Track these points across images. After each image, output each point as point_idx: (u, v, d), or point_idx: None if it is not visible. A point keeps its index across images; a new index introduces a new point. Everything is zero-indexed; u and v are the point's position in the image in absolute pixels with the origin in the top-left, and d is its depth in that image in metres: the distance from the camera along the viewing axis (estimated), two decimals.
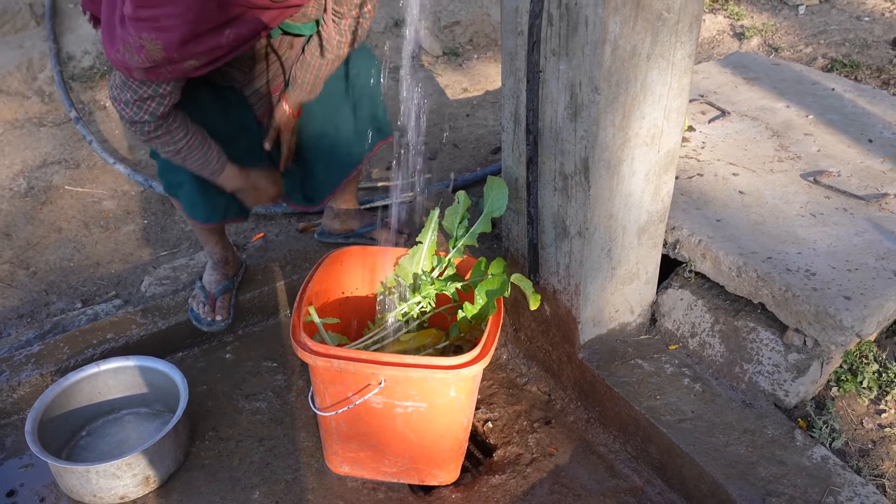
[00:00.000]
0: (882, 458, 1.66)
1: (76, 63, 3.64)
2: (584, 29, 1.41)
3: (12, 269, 2.65)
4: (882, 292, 1.68)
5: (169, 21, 1.46)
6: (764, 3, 4.32)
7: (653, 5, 1.41)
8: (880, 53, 3.68)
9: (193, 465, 1.85)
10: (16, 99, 3.52)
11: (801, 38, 3.91)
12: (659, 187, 1.72)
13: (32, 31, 3.75)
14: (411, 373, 1.54)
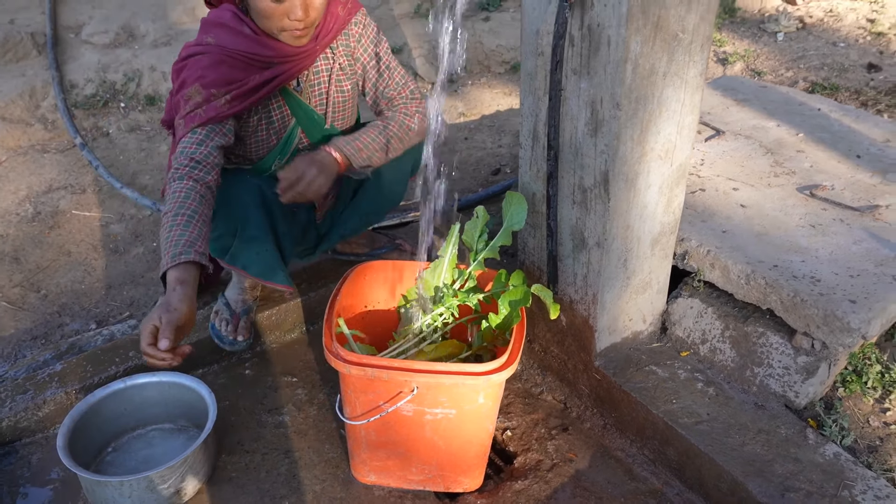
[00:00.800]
0: (890, 454, 1.73)
1: (79, 91, 3.68)
2: (606, 49, 1.49)
3: (23, 293, 2.65)
4: (884, 296, 1.76)
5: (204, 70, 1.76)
6: (745, 31, 4.49)
7: (670, 26, 1.49)
8: (857, 77, 3.84)
9: (221, 478, 1.87)
10: (19, 126, 3.54)
11: (782, 63, 4.07)
12: (671, 199, 1.80)
13: (34, 59, 3.79)
14: (443, 379, 1.58)
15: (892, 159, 2.40)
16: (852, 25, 4.42)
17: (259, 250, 1.85)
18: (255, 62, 1.80)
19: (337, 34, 1.91)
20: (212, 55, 1.78)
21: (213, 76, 1.76)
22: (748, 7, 4.76)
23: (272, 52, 1.79)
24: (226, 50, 1.77)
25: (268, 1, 1.66)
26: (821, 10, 4.63)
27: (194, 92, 1.76)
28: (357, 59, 2.00)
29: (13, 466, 1.90)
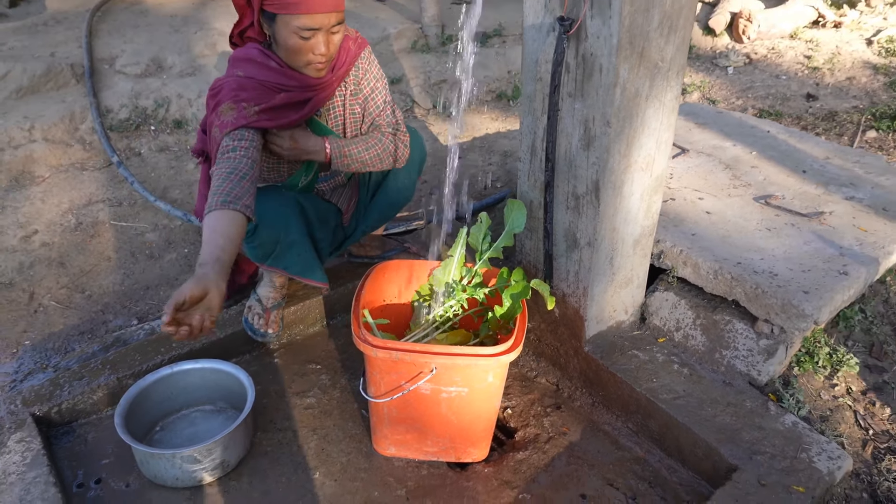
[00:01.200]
0: (839, 422, 1.81)
1: (114, 115, 3.69)
2: (598, 75, 1.56)
3: (69, 293, 2.67)
4: (831, 287, 1.85)
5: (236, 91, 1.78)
6: (699, 65, 4.62)
7: (652, 56, 1.57)
8: (798, 105, 3.97)
9: (258, 452, 1.90)
10: (60, 147, 3.55)
11: (733, 93, 4.20)
12: (650, 206, 1.88)
13: (73, 87, 3.80)
14: (458, 361, 1.64)
15: (832, 174, 2.50)
16: (792, 61, 4.57)
17: (299, 252, 1.89)
18: (280, 90, 1.83)
19: (350, 67, 1.96)
20: (241, 79, 1.81)
21: (244, 95, 1.78)
22: (702, 45, 4.90)
23: (296, 82, 1.84)
24: (255, 80, 1.81)
25: (296, 38, 1.71)
26: (764, 47, 4.77)
27: (226, 108, 1.77)
28: (362, 89, 2.04)
29: (72, 444, 1.92)
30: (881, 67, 4.31)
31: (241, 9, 1.84)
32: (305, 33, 1.70)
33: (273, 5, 1.69)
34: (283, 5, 1.67)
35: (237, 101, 1.77)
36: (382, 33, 4.36)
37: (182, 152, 3.64)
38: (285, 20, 1.69)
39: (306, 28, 1.69)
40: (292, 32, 1.71)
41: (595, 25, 1.52)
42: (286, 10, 1.67)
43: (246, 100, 1.78)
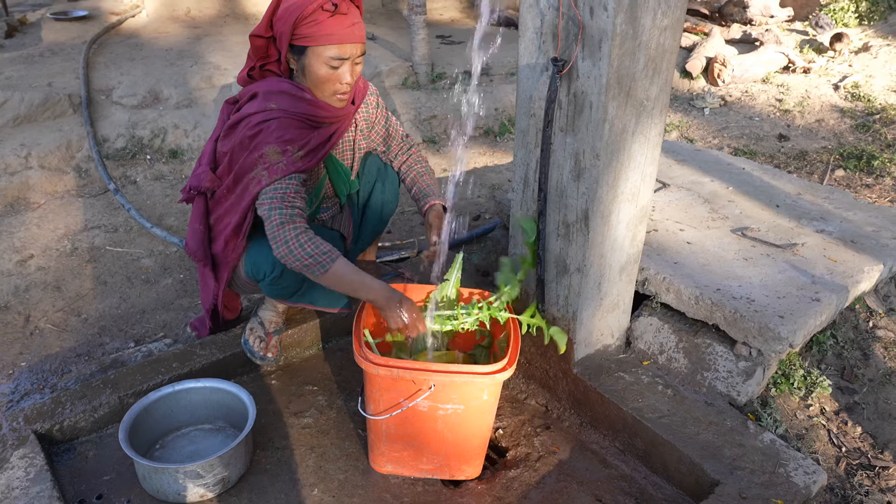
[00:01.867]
0: (814, 440, 1.91)
1: (110, 144, 3.78)
2: (588, 111, 1.69)
3: (65, 317, 2.71)
4: (805, 312, 1.97)
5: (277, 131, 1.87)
6: (678, 106, 4.83)
7: (637, 95, 1.71)
8: (770, 145, 4.17)
9: (258, 469, 1.95)
10: (56, 174, 3.62)
11: (709, 133, 4.39)
12: (636, 235, 1.99)
13: (70, 117, 3.89)
14: (456, 378, 1.72)
15: (803, 209, 2.65)
16: (764, 103, 4.80)
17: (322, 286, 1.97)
18: (314, 122, 1.94)
19: (360, 103, 2.11)
20: (280, 120, 1.88)
21: (287, 136, 1.87)
22: (679, 87, 5.12)
23: (327, 112, 1.95)
24: (289, 113, 1.89)
25: (327, 68, 1.85)
26: (738, 90, 5.01)
27: (272, 151, 1.85)
28: (371, 124, 2.20)
29: (73, 461, 1.95)
30: (847, 111, 4.54)
31: (261, 50, 1.94)
32: (335, 62, 1.84)
33: (304, 39, 1.83)
34: (315, 38, 1.81)
35: (283, 143, 1.86)
36: (374, 70, 4.51)
37: (177, 181, 3.72)
38: (317, 52, 1.83)
39: (337, 58, 1.84)
40: (323, 63, 1.84)
41: (586, 66, 1.65)
42: (318, 42, 1.82)
43: (291, 141, 1.87)
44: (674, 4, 1.65)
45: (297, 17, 1.79)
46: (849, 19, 6.00)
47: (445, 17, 6.09)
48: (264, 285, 2.02)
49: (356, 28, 1.85)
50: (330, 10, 1.79)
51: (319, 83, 1.89)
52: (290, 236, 1.80)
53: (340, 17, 1.82)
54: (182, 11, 5.43)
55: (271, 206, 1.83)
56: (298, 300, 2.03)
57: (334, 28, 1.81)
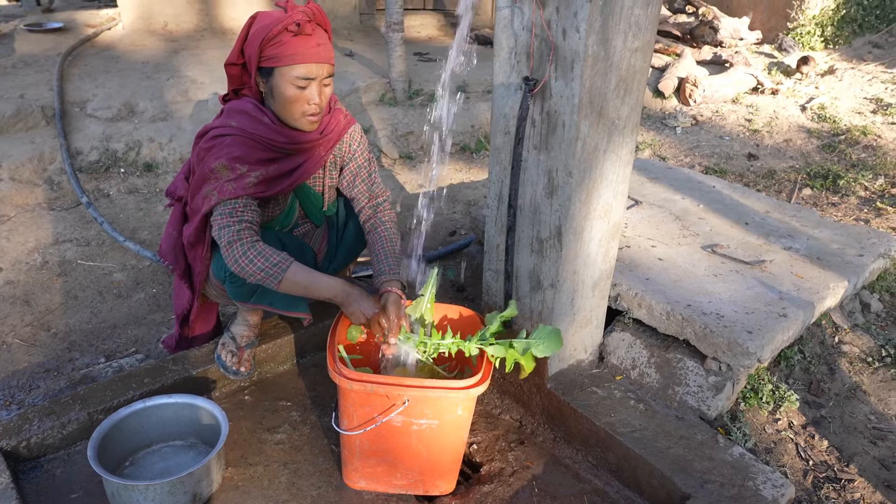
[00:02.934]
0: (782, 454, 1.94)
1: (84, 157, 3.73)
2: (561, 130, 1.72)
3: (34, 331, 2.66)
4: (773, 328, 2.01)
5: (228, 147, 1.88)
6: (651, 125, 4.91)
7: (609, 114, 1.74)
8: (740, 163, 4.25)
9: (229, 486, 1.93)
10: (27, 187, 3.56)
11: (681, 151, 4.47)
12: (608, 251, 2.02)
13: (43, 129, 3.84)
14: (430, 393, 1.72)
15: (772, 226, 2.71)
16: (734, 123, 4.90)
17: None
18: (271, 147, 1.93)
19: (339, 137, 2.07)
20: (235, 137, 1.91)
21: (236, 153, 1.89)
22: (652, 106, 5.21)
23: (286, 139, 1.94)
24: (246, 132, 1.90)
25: (294, 88, 1.84)
26: (709, 110, 5.11)
27: (220, 167, 1.87)
28: (346, 161, 2.15)
29: (39, 479, 1.91)
30: (814, 131, 4.66)
31: (236, 79, 1.96)
32: (302, 83, 1.83)
33: (271, 60, 1.82)
34: (281, 58, 1.81)
35: (231, 160, 1.87)
36: (352, 86, 4.53)
37: (151, 195, 3.69)
38: (283, 72, 1.83)
39: (303, 77, 1.83)
40: (289, 83, 1.84)
41: (559, 86, 1.68)
42: (283, 62, 1.81)
43: (239, 159, 1.88)
44: (644, 27, 1.69)
45: (262, 39, 1.80)
46: (815, 43, 6.17)
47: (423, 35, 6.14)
48: (227, 286, 2.01)
49: (322, 48, 1.85)
50: (293, 31, 1.80)
51: (287, 104, 1.87)
52: (239, 254, 1.83)
53: (305, 37, 1.82)
54: (159, 25, 5.41)
55: (220, 224, 1.86)
56: (258, 301, 2.02)
57: (299, 48, 1.81)
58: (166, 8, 5.41)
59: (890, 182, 3.79)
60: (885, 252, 2.57)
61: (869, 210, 3.50)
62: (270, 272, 1.84)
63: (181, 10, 5.46)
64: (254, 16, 1.88)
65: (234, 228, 1.85)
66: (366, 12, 6.50)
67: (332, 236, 2.35)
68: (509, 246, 1.98)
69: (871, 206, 3.53)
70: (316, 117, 1.93)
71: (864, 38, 6.07)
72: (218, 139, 1.92)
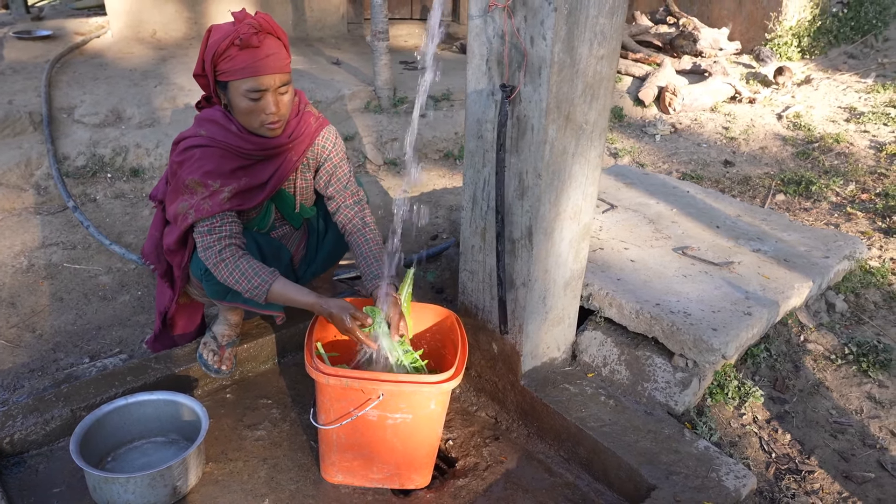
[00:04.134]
0: (746, 447, 2.00)
1: (70, 162, 3.76)
2: (531, 133, 1.78)
3: (19, 333, 2.69)
4: (737, 325, 2.08)
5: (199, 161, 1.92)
6: (630, 132, 4.99)
7: (577, 119, 1.80)
8: (716, 170, 4.34)
9: (209, 480, 1.96)
10: (14, 191, 3.59)
11: (659, 158, 4.55)
12: (579, 251, 2.08)
13: (30, 135, 3.87)
14: (404, 388, 1.77)
15: (742, 229, 2.79)
16: (712, 131, 5.00)
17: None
18: (241, 154, 1.96)
19: (311, 140, 2.09)
20: (204, 149, 1.94)
21: (209, 167, 1.92)
22: (633, 115, 5.30)
23: (253, 146, 1.96)
24: (216, 141, 1.94)
25: (247, 101, 1.86)
26: (688, 118, 5.21)
27: (193, 183, 1.91)
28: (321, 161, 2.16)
29: (23, 474, 1.94)
30: (789, 139, 4.76)
31: (206, 88, 1.99)
32: (254, 95, 1.85)
33: (224, 74, 1.85)
34: (232, 72, 1.83)
35: (203, 175, 1.91)
36: (337, 94, 4.59)
37: (137, 199, 3.72)
38: (236, 86, 1.85)
39: (254, 90, 1.84)
40: (242, 96, 1.86)
41: (528, 91, 1.74)
42: (234, 76, 1.83)
43: (210, 174, 1.92)
44: (609, 35, 1.76)
45: (213, 54, 1.83)
46: (792, 53, 6.29)
47: (409, 44, 6.21)
48: (204, 284, 2.06)
49: (272, 59, 1.84)
50: (239, 45, 1.80)
51: (244, 116, 1.90)
52: (226, 274, 1.92)
53: (252, 49, 1.82)
54: (148, 33, 5.46)
55: (203, 245, 1.94)
56: (233, 299, 2.06)
57: (247, 61, 1.81)
58: (155, 16, 5.45)
59: (860, 188, 3.88)
60: (850, 254, 2.65)
61: (840, 215, 3.58)
62: (255, 292, 1.92)
63: (170, 18, 5.51)
64: (209, 29, 1.91)
65: (216, 248, 1.92)
66: (353, 21, 6.57)
67: (311, 241, 2.39)
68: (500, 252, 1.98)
69: (841, 211, 3.62)
70: (277, 125, 1.93)
71: (840, 49, 6.20)
72: (189, 152, 1.95)
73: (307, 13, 5.98)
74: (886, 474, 1.93)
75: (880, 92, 5.32)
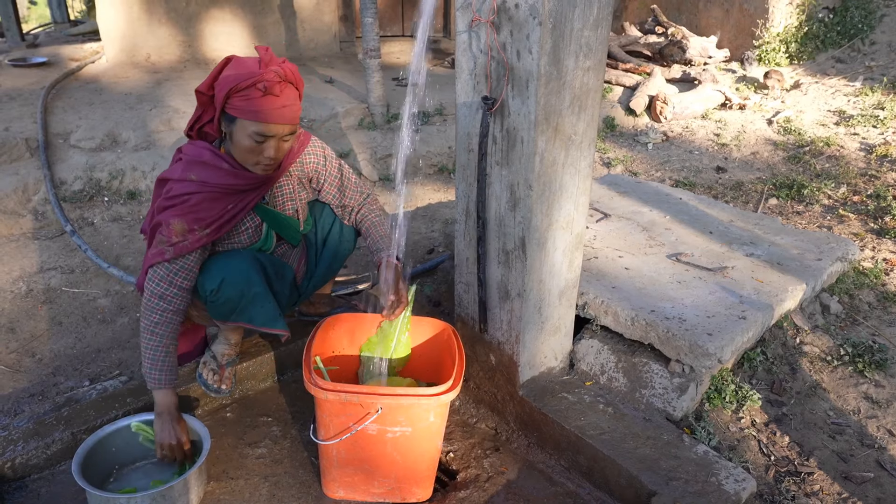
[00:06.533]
0: (745, 450, 2.01)
1: (67, 187, 3.79)
2: (520, 146, 1.80)
3: (19, 358, 2.69)
4: (732, 330, 2.09)
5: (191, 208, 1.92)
6: (623, 142, 5.03)
7: (566, 130, 1.83)
8: (708, 177, 4.37)
9: (211, 500, 1.96)
10: (11, 217, 3.61)
11: (652, 166, 4.59)
12: (573, 261, 2.10)
13: (27, 161, 3.90)
14: (402, 401, 1.78)
15: (734, 234, 2.81)
16: (703, 139, 5.03)
17: (262, 304, 2.01)
18: (233, 191, 1.98)
19: (291, 163, 2.11)
20: (196, 195, 1.93)
21: (202, 215, 1.93)
22: (624, 124, 5.34)
23: (246, 181, 1.98)
24: (208, 185, 1.93)
25: (251, 141, 1.88)
26: (679, 126, 5.25)
27: (179, 227, 1.91)
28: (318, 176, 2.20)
29: (24, 499, 1.94)
30: (780, 144, 4.80)
31: (204, 105, 1.99)
32: (259, 138, 1.88)
33: (235, 109, 1.86)
34: (244, 112, 1.85)
35: (193, 221, 1.91)
36: (331, 112, 4.62)
37: (135, 222, 3.74)
38: (244, 124, 1.87)
39: (261, 134, 1.87)
40: (247, 136, 1.88)
41: (516, 104, 1.77)
42: (245, 116, 1.85)
43: (201, 220, 1.93)
44: (595, 48, 1.79)
45: (231, 88, 1.84)
46: (780, 59, 6.35)
47: (402, 61, 6.27)
48: (209, 305, 2.06)
49: (287, 110, 1.87)
50: (262, 90, 1.83)
51: (242, 153, 1.92)
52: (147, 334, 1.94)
53: (272, 97, 1.85)
54: (142, 57, 5.50)
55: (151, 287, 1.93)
56: (238, 318, 2.06)
57: (263, 107, 1.84)
58: (149, 41, 5.50)
59: (852, 190, 3.91)
60: (842, 256, 2.67)
61: (832, 217, 3.61)
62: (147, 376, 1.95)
63: (164, 42, 5.56)
64: (228, 59, 1.93)
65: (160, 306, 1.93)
66: (345, 40, 6.64)
67: (310, 255, 2.41)
68: (480, 255, 2.05)
69: (833, 214, 3.64)
70: (270, 167, 1.96)
71: (828, 54, 6.26)
72: (179, 198, 1.93)
73: (300, 33, 6.04)
74: (885, 473, 1.94)
75: (868, 95, 5.37)
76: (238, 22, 5.73)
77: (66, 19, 7.73)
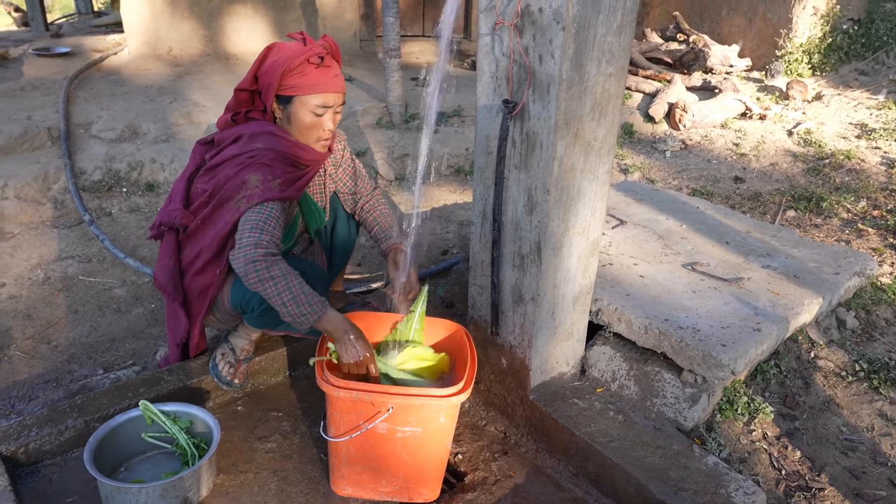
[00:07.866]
0: (755, 463, 2.00)
1: (87, 176, 3.83)
2: (539, 150, 1.80)
3: (35, 344, 2.73)
4: (747, 341, 2.08)
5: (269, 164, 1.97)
6: (641, 148, 5.01)
7: (585, 135, 1.83)
8: (726, 186, 4.34)
9: (220, 492, 1.98)
10: (31, 205, 3.65)
11: (670, 174, 4.57)
12: (587, 267, 2.10)
13: (48, 150, 3.95)
14: (413, 401, 1.79)
15: (751, 245, 2.79)
16: (722, 148, 5.01)
17: None
18: (296, 162, 2.04)
19: (334, 142, 2.25)
20: (268, 154, 1.97)
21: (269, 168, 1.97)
22: (643, 131, 5.32)
23: (308, 154, 2.06)
24: (275, 151, 2.00)
25: (312, 116, 1.98)
26: (698, 135, 5.22)
27: (254, 178, 1.94)
28: (337, 165, 2.31)
29: (37, 484, 1.96)
30: (800, 155, 4.76)
31: (245, 103, 2.07)
32: (319, 110, 1.99)
33: (291, 89, 1.96)
34: (302, 87, 1.95)
35: (268, 172, 1.95)
36: (350, 110, 4.64)
37: (152, 213, 3.78)
38: (303, 100, 1.97)
39: (321, 106, 1.98)
40: (309, 111, 1.98)
41: (536, 108, 1.77)
42: (304, 91, 1.96)
43: (273, 172, 1.97)
44: (617, 54, 1.79)
45: (284, 69, 1.93)
46: (803, 70, 6.30)
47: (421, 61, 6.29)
48: (253, 317, 2.08)
49: (339, 79, 2.01)
50: (316, 63, 1.95)
51: (304, 129, 2.01)
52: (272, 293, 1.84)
53: (325, 68, 1.97)
54: (164, 50, 5.56)
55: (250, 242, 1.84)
56: (286, 328, 2.11)
57: (319, 79, 1.96)
58: (172, 34, 5.55)
59: (872, 204, 3.87)
60: (860, 270, 2.65)
61: (851, 231, 3.58)
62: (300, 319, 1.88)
63: (186, 36, 5.61)
64: (270, 46, 2.02)
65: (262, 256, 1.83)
66: (366, 39, 6.66)
67: (325, 246, 2.45)
68: (495, 258, 2.05)
69: (852, 228, 3.61)
70: (327, 141, 2.08)
71: (851, 66, 6.21)
72: (254, 158, 1.97)
73: (320, 31, 6.07)
74: None
75: (892, 108, 5.32)
76: (260, 18, 5.77)
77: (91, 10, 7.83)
